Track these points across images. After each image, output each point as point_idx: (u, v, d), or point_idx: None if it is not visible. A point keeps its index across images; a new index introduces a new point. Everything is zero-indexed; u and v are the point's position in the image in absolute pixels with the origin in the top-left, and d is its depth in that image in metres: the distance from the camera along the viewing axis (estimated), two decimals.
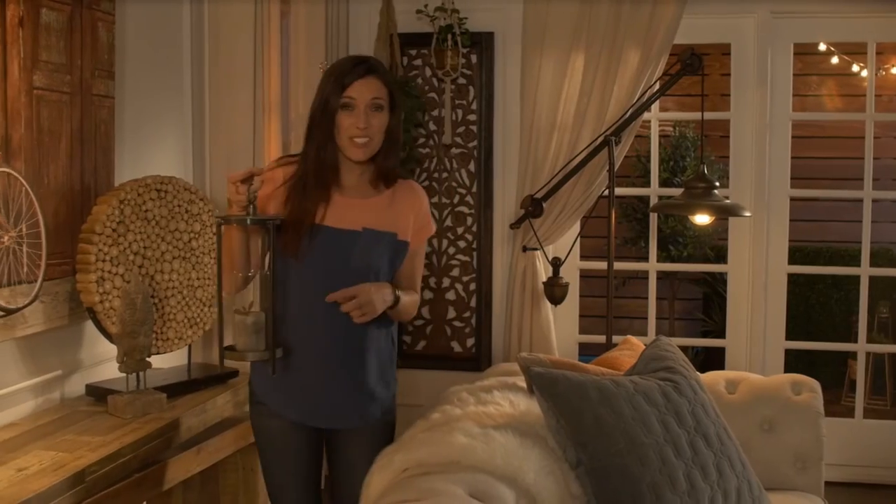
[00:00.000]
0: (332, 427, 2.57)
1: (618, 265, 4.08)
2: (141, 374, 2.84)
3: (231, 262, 2.44)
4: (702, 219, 3.72)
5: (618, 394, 2.31)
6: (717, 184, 3.67)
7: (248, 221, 2.34)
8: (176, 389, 3.01)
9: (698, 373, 2.65)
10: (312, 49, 4.27)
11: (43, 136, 2.77)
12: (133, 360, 2.81)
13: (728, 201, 3.71)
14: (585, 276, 4.73)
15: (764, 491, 2.43)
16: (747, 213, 3.69)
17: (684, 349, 5.43)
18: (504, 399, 2.48)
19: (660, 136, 4.87)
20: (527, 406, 2.46)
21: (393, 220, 2.51)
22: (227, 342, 2.47)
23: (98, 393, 2.90)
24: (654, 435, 2.26)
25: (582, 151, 4.01)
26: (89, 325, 2.95)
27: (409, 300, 2.56)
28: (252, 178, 2.33)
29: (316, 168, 2.44)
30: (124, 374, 2.82)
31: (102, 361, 3.10)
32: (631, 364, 2.68)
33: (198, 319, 3.25)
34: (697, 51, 3.65)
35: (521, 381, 2.65)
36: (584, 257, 4.60)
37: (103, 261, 2.84)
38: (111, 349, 2.95)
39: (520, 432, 2.25)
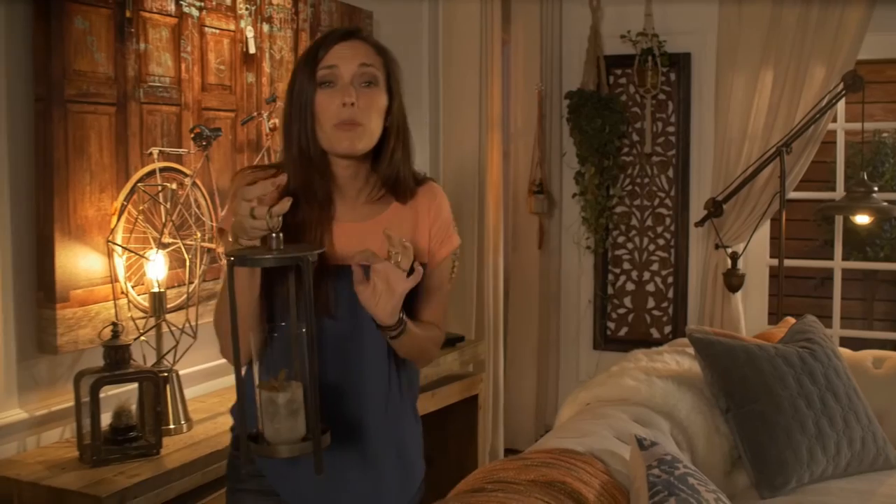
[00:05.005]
0: None
1: (804, 263, 4.51)
2: None
3: (239, 317, 1.57)
4: (861, 219, 4.13)
5: (760, 356, 2.87)
6: (876, 188, 4.06)
7: (274, 262, 1.52)
8: None
9: (841, 347, 3.16)
10: (529, 72, 5.01)
11: None
12: None
13: (885, 204, 4.08)
14: (788, 276, 5.12)
15: (889, 443, 2.90)
16: None
17: (881, 343, 5.67)
18: (671, 359, 3.09)
19: (859, 143, 5.13)
20: (689, 365, 3.06)
21: (410, 239, 1.75)
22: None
23: None
24: (789, 389, 2.81)
25: (757, 161, 4.49)
26: None
27: (423, 333, 1.81)
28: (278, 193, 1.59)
29: (303, 172, 1.75)
30: None
31: None
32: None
33: None
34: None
35: (691, 350, 3.18)
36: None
37: None
38: None
39: (678, 381, 2.87)
